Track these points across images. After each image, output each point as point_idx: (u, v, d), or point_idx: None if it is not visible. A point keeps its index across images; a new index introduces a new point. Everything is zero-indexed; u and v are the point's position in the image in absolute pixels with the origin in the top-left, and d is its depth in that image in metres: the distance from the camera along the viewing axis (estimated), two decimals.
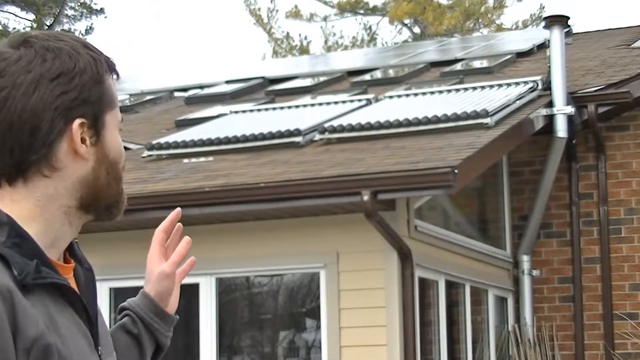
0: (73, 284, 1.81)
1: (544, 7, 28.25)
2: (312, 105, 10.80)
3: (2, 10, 29.65)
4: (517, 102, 9.40)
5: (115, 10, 52.14)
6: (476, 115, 8.64)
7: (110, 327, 2.07)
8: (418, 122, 8.72)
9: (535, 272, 10.23)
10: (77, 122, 1.77)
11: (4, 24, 29.51)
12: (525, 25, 28.00)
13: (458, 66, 12.55)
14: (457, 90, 10.29)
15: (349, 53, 22.54)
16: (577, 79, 10.64)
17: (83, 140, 1.78)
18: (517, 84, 10.05)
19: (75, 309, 1.76)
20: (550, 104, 9.70)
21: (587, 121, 9.99)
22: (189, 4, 48.33)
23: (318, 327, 8.20)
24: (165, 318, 2.13)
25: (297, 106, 10.73)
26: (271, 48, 29.91)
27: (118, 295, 8.42)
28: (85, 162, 1.78)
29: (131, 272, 7.97)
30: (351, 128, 8.88)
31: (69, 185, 1.78)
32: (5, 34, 28.17)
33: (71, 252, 1.87)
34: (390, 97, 10.50)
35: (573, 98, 9.91)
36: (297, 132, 8.98)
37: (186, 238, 2.19)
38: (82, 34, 30.01)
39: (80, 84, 1.78)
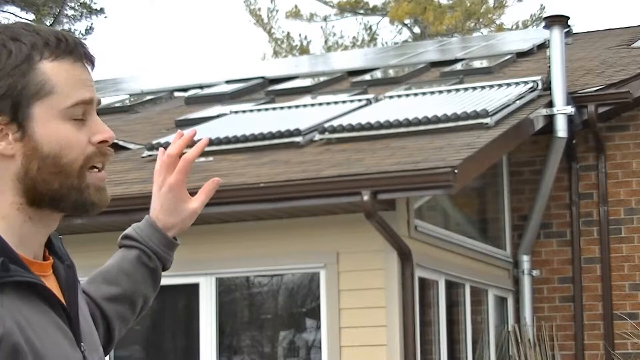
0: (51, 282, 1.79)
1: (544, 7, 28.25)
2: (312, 105, 10.79)
3: (2, 10, 29.65)
4: (517, 102, 9.40)
5: (115, 10, 52.16)
6: (476, 115, 8.64)
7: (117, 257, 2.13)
8: (418, 122, 8.72)
9: (535, 272, 10.23)
10: None
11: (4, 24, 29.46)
12: (525, 25, 28.00)
13: (458, 66, 12.55)
14: (457, 90, 10.29)
15: (349, 53, 22.54)
16: (577, 79, 10.64)
17: (5, 137, 1.73)
18: (517, 84, 10.05)
19: (51, 307, 1.74)
20: (550, 104, 9.70)
21: (587, 121, 9.99)
22: (189, 4, 48.33)
23: (318, 327, 8.20)
24: (173, 246, 2.19)
25: (297, 106, 10.73)
26: (271, 48, 29.91)
27: None
28: (12, 159, 1.73)
29: None
30: (351, 128, 8.88)
31: (9, 182, 1.75)
32: None
33: (51, 249, 1.85)
34: (390, 97, 10.50)
35: (573, 98, 9.91)
36: (297, 132, 8.98)
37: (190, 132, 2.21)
38: (82, 34, 30.04)
39: (7, 78, 1.72)
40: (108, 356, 2.21)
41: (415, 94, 10.38)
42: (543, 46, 11.78)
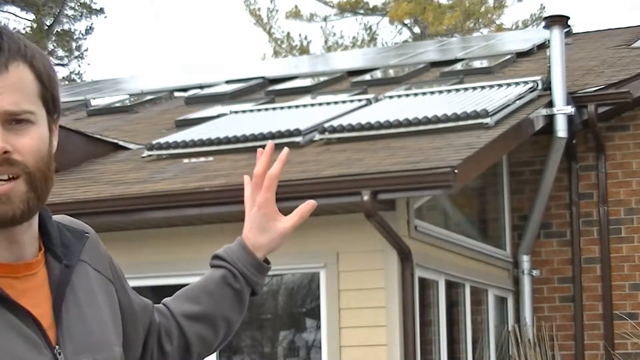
0: (35, 281, 1.79)
1: (544, 7, 28.26)
2: (312, 105, 10.79)
3: (2, 10, 29.65)
4: (517, 102, 9.40)
5: (115, 10, 52.15)
6: (476, 115, 8.64)
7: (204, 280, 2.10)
8: (418, 122, 8.72)
9: (535, 272, 10.23)
10: None
11: (4, 24, 29.49)
12: (525, 25, 28.01)
13: (458, 66, 12.55)
14: (457, 90, 10.29)
15: (349, 53, 22.54)
16: (577, 79, 10.64)
17: None
18: (517, 84, 10.04)
19: (8, 308, 1.73)
20: (550, 104, 9.70)
21: (587, 121, 9.99)
22: (189, 5, 48.32)
23: (318, 327, 8.20)
24: (263, 269, 2.17)
25: (297, 106, 10.73)
26: (271, 48, 29.92)
27: None
28: None
29: (132, 271, 7.94)
30: (351, 128, 8.88)
31: None
32: None
33: (50, 248, 1.84)
34: (390, 97, 10.50)
35: (573, 98, 9.91)
36: (297, 132, 8.98)
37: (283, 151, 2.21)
38: (82, 34, 30.04)
39: None
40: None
41: (415, 94, 10.37)
42: (543, 46, 11.78)
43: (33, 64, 1.76)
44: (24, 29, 29.64)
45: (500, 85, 10.10)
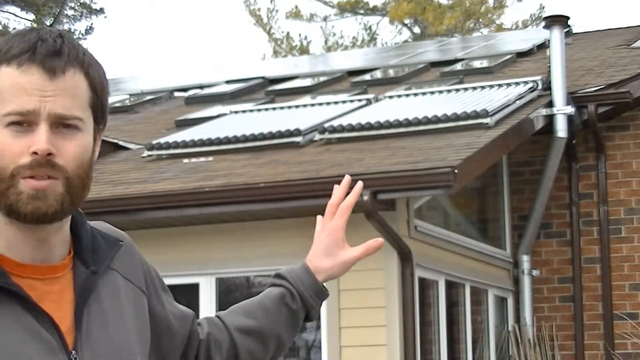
0: (61, 284, 1.80)
1: (544, 7, 28.26)
2: (312, 105, 10.79)
3: (2, 10, 29.65)
4: (517, 102, 9.40)
5: (115, 10, 52.16)
6: (476, 115, 8.64)
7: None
8: (418, 122, 8.72)
9: (535, 272, 10.23)
10: None
11: (4, 24, 29.51)
12: (525, 25, 28.00)
13: (458, 66, 12.55)
14: (457, 90, 10.29)
15: (349, 53, 22.53)
16: (577, 79, 10.64)
17: None
18: (517, 84, 10.04)
19: (28, 310, 1.74)
20: (550, 104, 9.70)
21: (587, 121, 9.99)
22: (189, 4, 48.33)
23: (318, 327, 8.19)
24: (322, 294, 2.19)
25: (297, 106, 10.73)
26: (271, 48, 29.92)
27: None
28: None
29: None
30: (351, 128, 8.88)
31: None
32: (5, 34, 28.14)
33: (78, 253, 1.85)
34: (390, 97, 10.50)
35: (573, 98, 9.90)
36: (297, 132, 8.98)
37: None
38: (82, 34, 30.04)
39: None
40: None
41: (415, 94, 10.37)
42: (543, 46, 11.78)
43: (89, 72, 1.80)
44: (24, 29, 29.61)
45: (500, 85, 10.10)
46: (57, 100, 1.73)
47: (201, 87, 14.03)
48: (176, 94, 14.02)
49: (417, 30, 29.38)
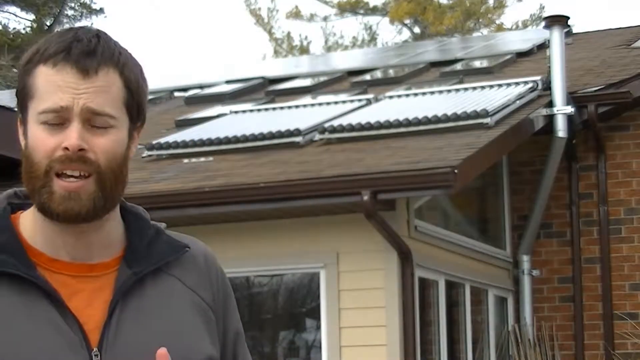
0: (100, 283, 1.81)
1: (544, 7, 28.27)
2: (312, 105, 10.79)
3: (2, 10, 29.66)
4: (517, 102, 9.40)
5: (115, 10, 52.16)
6: (476, 115, 8.64)
7: None
8: (418, 122, 8.72)
9: (535, 272, 10.23)
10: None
11: (4, 24, 29.52)
12: (525, 25, 28.01)
13: (458, 66, 12.55)
14: (457, 90, 10.29)
15: (349, 53, 22.53)
16: (577, 79, 10.64)
17: (23, 132, 1.83)
18: (517, 84, 10.04)
19: (54, 305, 1.76)
20: (550, 104, 9.70)
21: (587, 121, 9.99)
22: (189, 4, 48.34)
23: (318, 327, 8.20)
24: None
25: (297, 106, 10.73)
26: (271, 48, 29.94)
27: None
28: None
29: None
30: (351, 128, 8.88)
31: None
32: (5, 34, 28.18)
33: (127, 254, 1.86)
34: (390, 97, 10.50)
35: (573, 98, 9.90)
36: (297, 132, 8.98)
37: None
38: None
39: (18, 77, 1.83)
40: None
41: (415, 94, 10.37)
42: (543, 46, 11.77)
43: (124, 71, 1.82)
44: (24, 29, 29.66)
45: (500, 85, 10.10)
46: (90, 97, 1.76)
47: (201, 87, 14.02)
48: (176, 94, 14.02)
49: (417, 30, 29.39)
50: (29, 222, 1.84)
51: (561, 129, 9.66)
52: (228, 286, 2.03)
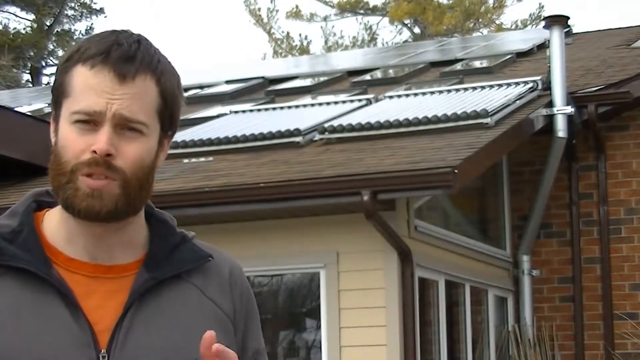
0: (110, 285, 1.80)
1: (543, 7, 28.28)
2: (312, 105, 10.79)
3: (2, 10, 29.67)
4: (517, 102, 9.40)
5: (115, 10, 52.16)
6: (476, 115, 8.64)
7: None
8: (418, 122, 8.72)
9: (535, 272, 10.22)
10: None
11: (4, 24, 29.52)
12: (525, 25, 28.02)
13: (458, 66, 12.55)
14: (457, 90, 10.29)
15: (349, 53, 22.54)
16: (577, 79, 10.64)
17: (54, 129, 1.83)
18: (517, 84, 10.04)
19: (66, 303, 1.76)
20: (550, 104, 9.70)
21: (587, 121, 9.99)
22: (189, 4, 48.33)
23: (318, 327, 8.20)
24: None
25: (297, 106, 10.73)
26: (271, 48, 29.93)
27: None
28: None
29: None
30: (351, 128, 8.88)
31: None
32: (6, 34, 28.18)
33: (148, 258, 1.85)
34: (390, 97, 10.50)
35: (573, 98, 9.90)
36: (297, 132, 8.98)
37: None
38: (82, 34, 30.04)
39: (56, 73, 1.85)
40: None
41: (415, 94, 10.37)
42: (543, 46, 11.77)
43: (161, 79, 1.81)
44: (24, 29, 29.66)
45: (500, 85, 10.10)
46: (124, 103, 1.76)
47: (201, 87, 14.02)
48: None
49: (417, 30, 29.39)
50: (53, 221, 1.84)
51: (561, 129, 9.66)
52: (253, 304, 1.99)
